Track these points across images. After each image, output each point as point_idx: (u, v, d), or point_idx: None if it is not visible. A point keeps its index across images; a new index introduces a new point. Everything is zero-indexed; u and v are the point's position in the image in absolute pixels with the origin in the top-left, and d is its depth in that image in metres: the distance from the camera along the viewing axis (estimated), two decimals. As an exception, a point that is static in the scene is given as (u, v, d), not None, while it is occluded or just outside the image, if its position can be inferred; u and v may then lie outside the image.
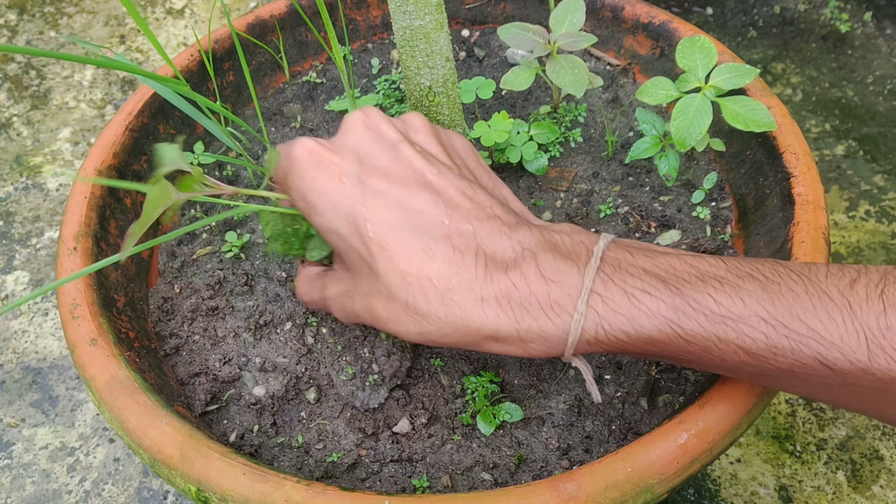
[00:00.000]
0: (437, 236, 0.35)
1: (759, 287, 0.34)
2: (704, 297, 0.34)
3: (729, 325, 0.33)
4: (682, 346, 0.34)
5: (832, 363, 0.32)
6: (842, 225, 0.77)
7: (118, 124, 0.53)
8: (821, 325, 0.32)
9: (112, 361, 0.41)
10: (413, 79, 0.43)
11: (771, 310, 0.33)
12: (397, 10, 0.40)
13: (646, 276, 0.35)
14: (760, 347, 0.33)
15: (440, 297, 0.35)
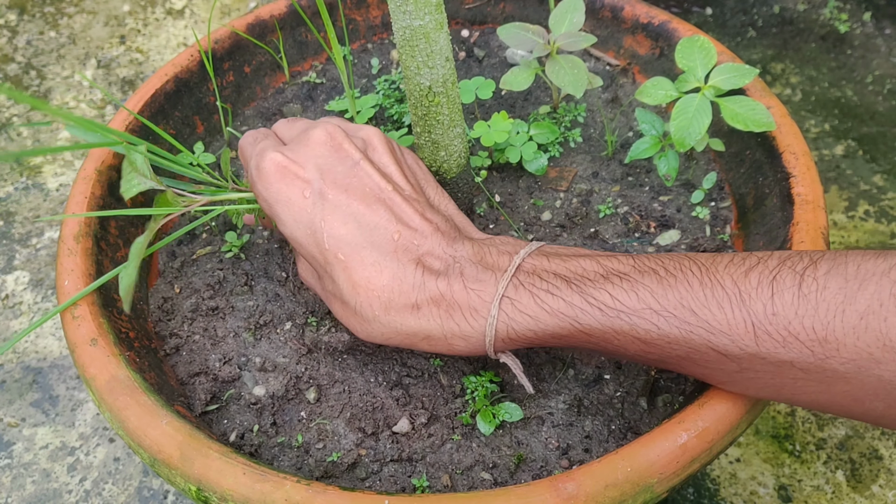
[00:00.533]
0: (386, 251, 0.40)
1: (655, 281, 0.36)
2: (601, 294, 0.37)
3: (622, 318, 0.36)
4: (584, 338, 0.38)
5: (723, 350, 0.35)
6: (841, 225, 0.77)
7: (118, 124, 0.53)
8: (710, 314, 0.35)
9: (112, 361, 0.41)
10: (413, 79, 0.43)
11: (663, 302, 0.36)
12: (397, 10, 0.40)
13: (553, 278, 0.38)
14: (654, 337, 0.36)
15: (384, 307, 0.39)
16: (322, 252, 0.40)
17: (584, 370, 0.46)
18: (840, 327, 0.32)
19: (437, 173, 0.48)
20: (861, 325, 0.32)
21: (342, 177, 0.41)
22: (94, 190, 0.49)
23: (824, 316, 0.33)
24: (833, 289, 0.33)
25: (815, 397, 0.35)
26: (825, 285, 0.33)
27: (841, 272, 0.33)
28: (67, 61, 0.99)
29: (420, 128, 0.46)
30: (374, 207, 0.40)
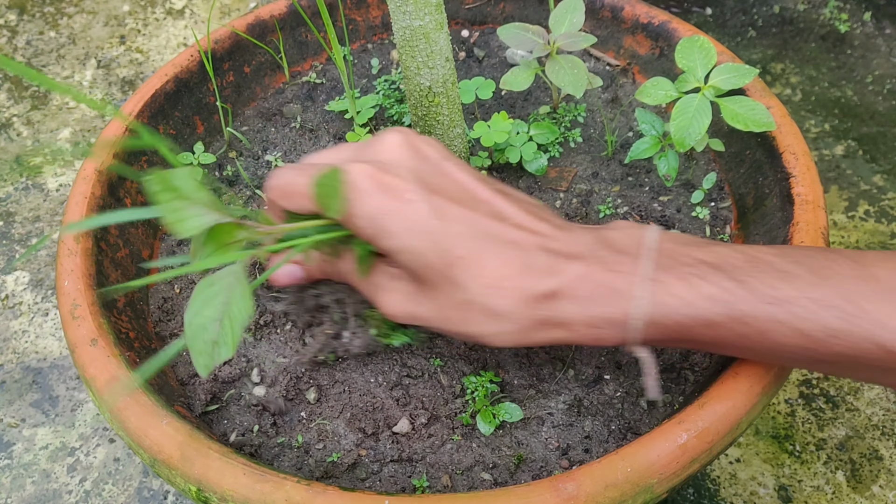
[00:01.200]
0: (508, 243, 0.37)
1: (807, 270, 0.35)
2: (755, 281, 0.35)
3: (782, 305, 0.34)
4: (739, 329, 0.35)
5: (887, 344, 0.33)
6: (841, 225, 0.77)
7: (118, 124, 0.53)
8: (871, 305, 0.33)
9: (112, 362, 0.41)
10: (413, 79, 0.43)
11: (822, 292, 0.34)
12: (397, 11, 0.41)
13: (699, 263, 0.36)
14: (815, 328, 0.34)
15: (519, 297, 0.37)
16: (442, 255, 0.37)
17: (584, 370, 0.46)
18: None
19: (437, 173, 0.48)
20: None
21: (432, 178, 0.39)
22: (95, 190, 0.49)
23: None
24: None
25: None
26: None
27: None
28: (67, 61, 0.99)
29: (420, 128, 0.46)
30: (477, 206, 0.38)
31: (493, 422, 0.44)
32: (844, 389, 0.65)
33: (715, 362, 0.45)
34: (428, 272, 0.38)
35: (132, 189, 0.53)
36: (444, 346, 0.48)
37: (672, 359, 0.46)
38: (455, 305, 0.38)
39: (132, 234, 0.52)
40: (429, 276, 0.38)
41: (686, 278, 0.36)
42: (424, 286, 0.39)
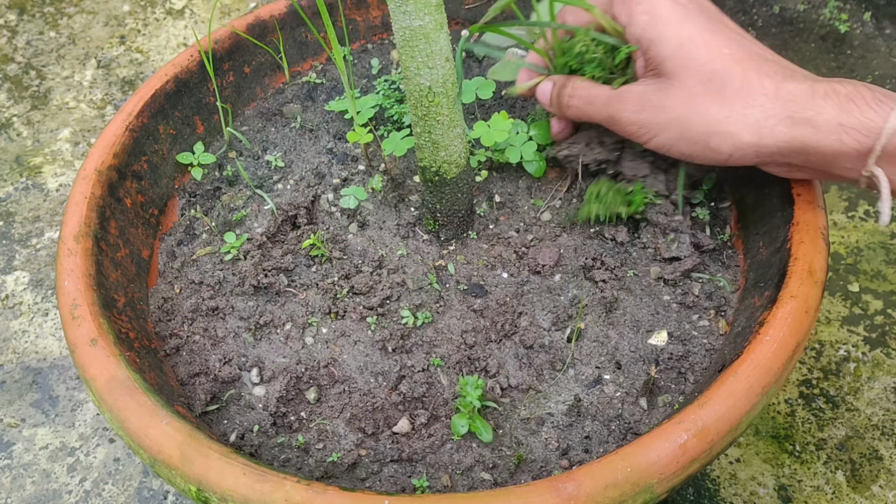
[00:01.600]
0: (772, 59, 0.44)
1: None
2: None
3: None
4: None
5: None
6: (841, 225, 0.77)
7: (118, 124, 0.53)
8: None
9: (112, 361, 0.41)
10: (413, 79, 0.43)
11: None
12: (397, 11, 0.40)
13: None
14: None
15: (775, 89, 0.42)
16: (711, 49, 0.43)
17: (584, 370, 0.46)
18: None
19: (437, 173, 0.48)
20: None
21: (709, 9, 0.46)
22: (95, 190, 0.49)
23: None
24: None
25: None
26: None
27: None
28: (67, 61, 0.99)
29: (420, 128, 0.46)
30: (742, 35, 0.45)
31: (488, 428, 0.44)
32: (844, 390, 0.65)
33: (715, 362, 0.45)
34: (691, 63, 0.44)
35: (132, 189, 0.53)
36: (444, 345, 0.48)
37: (673, 359, 0.46)
38: (709, 90, 0.43)
39: (132, 234, 0.52)
40: (690, 68, 0.44)
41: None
42: (676, 79, 0.45)
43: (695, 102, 0.44)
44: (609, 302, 0.48)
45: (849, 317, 0.70)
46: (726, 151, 0.44)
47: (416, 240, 0.53)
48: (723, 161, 0.45)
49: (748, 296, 0.47)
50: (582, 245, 0.52)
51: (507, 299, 0.49)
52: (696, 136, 0.44)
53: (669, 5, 0.45)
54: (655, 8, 0.45)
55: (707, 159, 0.45)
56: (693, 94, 0.44)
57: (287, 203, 0.54)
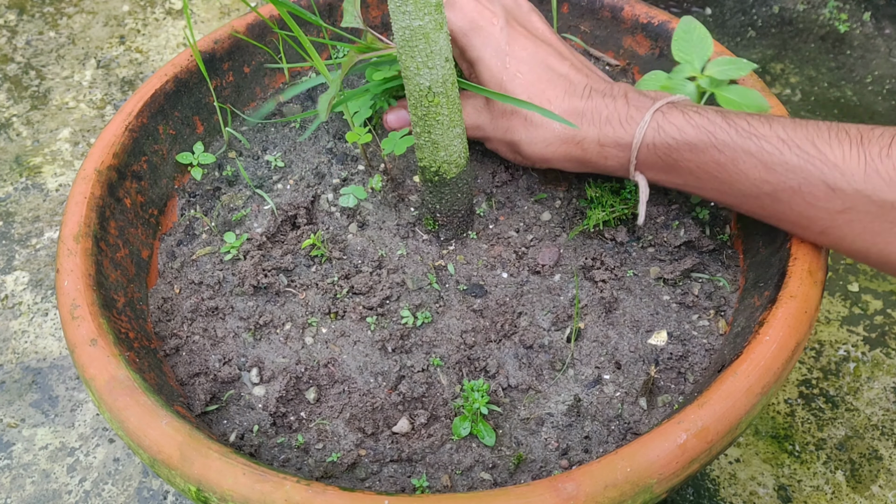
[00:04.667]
0: (559, 74, 0.49)
1: (790, 122, 0.42)
2: (740, 120, 0.43)
3: (753, 140, 0.42)
4: (716, 156, 0.43)
5: (833, 184, 0.39)
6: (841, 225, 0.77)
7: (118, 124, 0.53)
8: (829, 149, 0.40)
9: (112, 362, 0.41)
10: (412, 79, 0.43)
11: (791, 134, 0.41)
12: (397, 11, 0.40)
13: (702, 108, 0.45)
14: (776, 161, 0.41)
15: (554, 111, 0.47)
16: (504, 71, 0.49)
17: (584, 370, 0.46)
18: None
19: (437, 173, 0.48)
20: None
21: (521, 18, 0.52)
22: (94, 190, 0.49)
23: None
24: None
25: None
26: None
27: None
28: (67, 61, 0.99)
29: (420, 128, 0.46)
30: (546, 44, 0.51)
31: (490, 431, 0.44)
32: (844, 390, 0.65)
33: (714, 362, 0.45)
34: (493, 84, 0.50)
35: (131, 189, 0.53)
36: (444, 345, 0.48)
37: (672, 359, 0.46)
38: (506, 114, 0.50)
39: (132, 234, 0.52)
40: (492, 86, 0.50)
41: (685, 112, 0.45)
42: (488, 102, 0.51)
43: (496, 126, 0.51)
44: (609, 302, 0.48)
45: (848, 317, 0.70)
46: (529, 163, 0.52)
47: (416, 240, 0.53)
48: (532, 166, 0.53)
49: (748, 296, 0.47)
50: (582, 245, 0.52)
51: (507, 299, 0.49)
52: (504, 152, 0.53)
53: (476, 11, 0.50)
54: (467, 14, 0.50)
55: (523, 164, 0.53)
56: (494, 117, 0.51)
57: (287, 203, 0.54)
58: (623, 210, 0.51)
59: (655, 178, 0.47)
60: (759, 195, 0.43)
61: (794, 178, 0.41)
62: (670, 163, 0.45)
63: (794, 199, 0.41)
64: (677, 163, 0.45)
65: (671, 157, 0.45)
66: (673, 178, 0.47)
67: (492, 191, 0.56)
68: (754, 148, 0.42)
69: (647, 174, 0.47)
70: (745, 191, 0.43)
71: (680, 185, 0.47)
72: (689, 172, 0.45)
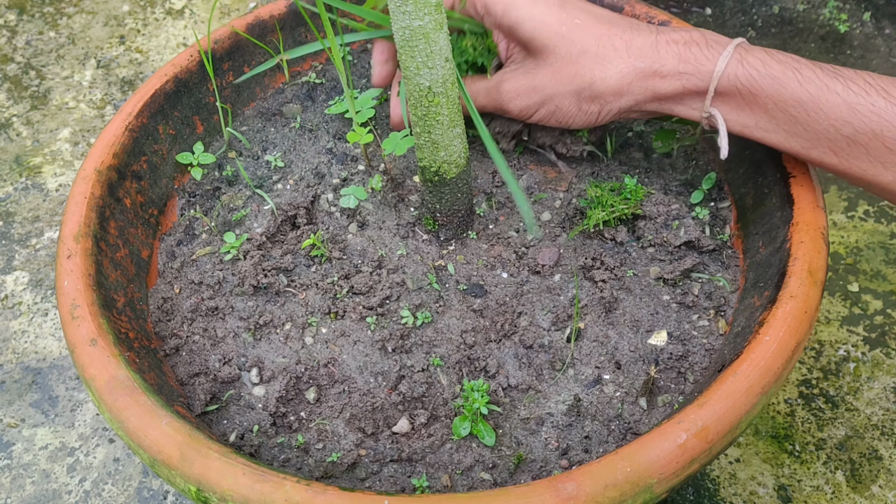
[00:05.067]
0: (616, 17, 0.50)
1: (874, 74, 0.43)
2: (824, 64, 0.43)
3: (840, 80, 0.42)
4: (797, 92, 0.43)
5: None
6: (840, 225, 0.77)
7: (118, 124, 0.53)
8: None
9: (112, 362, 0.41)
10: (412, 79, 0.43)
11: (877, 79, 0.42)
12: (397, 11, 0.40)
13: (777, 52, 0.45)
14: (861, 102, 0.41)
15: (626, 45, 0.48)
16: (561, 20, 0.49)
17: (583, 370, 0.46)
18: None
19: (437, 173, 0.48)
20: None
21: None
22: (94, 190, 0.49)
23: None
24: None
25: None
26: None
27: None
28: (67, 61, 0.99)
29: (420, 128, 0.46)
30: (598, 7, 0.51)
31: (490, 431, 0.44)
32: (844, 390, 0.65)
33: (714, 362, 0.45)
34: (549, 37, 0.49)
35: (131, 189, 0.53)
36: (444, 345, 0.48)
37: (672, 359, 0.46)
38: (571, 60, 0.49)
39: (132, 234, 0.52)
40: (548, 42, 0.49)
41: (766, 51, 0.45)
42: (546, 56, 0.50)
43: (560, 77, 0.49)
44: (609, 302, 0.48)
45: (848, 317, 0.70)
46: (595, 112, 0.50)
47: (416, 240, 0.53)
48: (595, 121, 0.51)
49: (748, 296, 0.47)
50: (581, 245, 0.52)
51: (507, 299, 0.49)
52: (567, 106, 0.50)
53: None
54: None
55: (582, 123, 0.51)
56: (557, 69, 0.49)
57: (287, 203, 0.54)
58: (623, 210, 0.51)
59: (727, 116, 0.46)
60: (837, 138, 0.42)
61: (878, 120, 0.40)
62: (749, 97, 0.45)
63: (872, 142, 0.41)
64: (756, 98, 0.44)
65: (751, 90, 0.44)
66: (745, 116, 0.46)
67: (492, 191, 0.56)
68: (840, 87, 0.42)
69: (721, 110, 0.46)
70: (821, 132, 0.43)
71: (750, 126, 0.46)
72: (764, 111, 0.45)
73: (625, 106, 0.49)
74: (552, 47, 0.49)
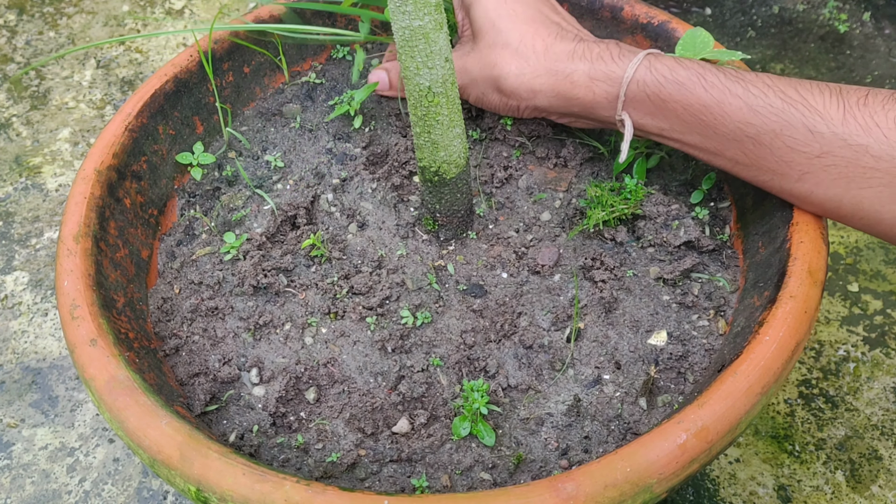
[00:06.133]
0: (552, 20, 0.52)
1: (774, 75, 0.44)
2: (728, 68, 0.46)
3: (740, 83, 0.44)
4: (702, 96, 0.45)
5: (813, 126, 0.41)
6: (840, 225, 0.77)
7: (118, 125, 0.53)
8: (811, 95, 0.42)
9: (112, 362, 0.41)
10: (412, 79, 0.43)
11: (776, 81, 0.43)
12: (396, 11, 0.40)
13: (686, 60, 0.47)
14: (761, 104, 0.43)
15: (545, 47, 0.50)
16: (498, 7, 0.51)
17: (583, 370, 0.46)
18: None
19: (437, 173, 0.48)
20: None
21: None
22: (94, 190, 0.49)
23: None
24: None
25: (878, 193, 0.41)
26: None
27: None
28: (67, 61, 0.99)
29: (420, 128, 0.46)
30: (544, 4, 0.53)
31: (490, 432, 0.44)
32: (844, 390, 0.65)
33: (714, 362, 0.45)
34: (485, 22, 0.52)
35: (131, 189, 0.53)
36: (443, 345, 0.48)
37: (672, 359, 0.46)
38: (493, 47, 0.51)
39: (131, 234, 0.52)
40: (484, 26, 0.52)
41: (675, 59, 0.47)
42: (477, 39, 0.53)
43: (483, 64, 0.52)
44: (608, 302, 0.48)
45: (848, 317, 0.70)
46: (514, 106, 0.52)
47: (416, 240, 0.53)
48: (517, 113, 0.53)
49: (747, 296, 0.47)
50: (581, 245, 0.52)
51: (507, 299, 0.49)
52: (490, 94, 0.53)
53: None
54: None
55: (507, 113, 0.54)
56: (483, 55, 0.52)
57: (286, 203, 0.54)
58: (623, 210, 0.51)
59: (641, 120, 0.48)
60: (742, 138, 0.44)
61: (777, 120, 0.42)
62: (658, 104, 0.46)
63: (775, 142, 0.43)
64: (665, 103, 0.46)
65: (660, 96, 0.46)
66: (658, 120, 0.48)
67: (492, 191, 0.56)
68: (741, 90, 0.43)
69: (633, 115, 0.48)
70: (728, 134, 0.44)
71: (665, 129, 0.48)
72: (675, 116, 0.46)
73: (541, 105, 0.51)
74: (483, 33, 0.52)
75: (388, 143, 0.59)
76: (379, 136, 0.60)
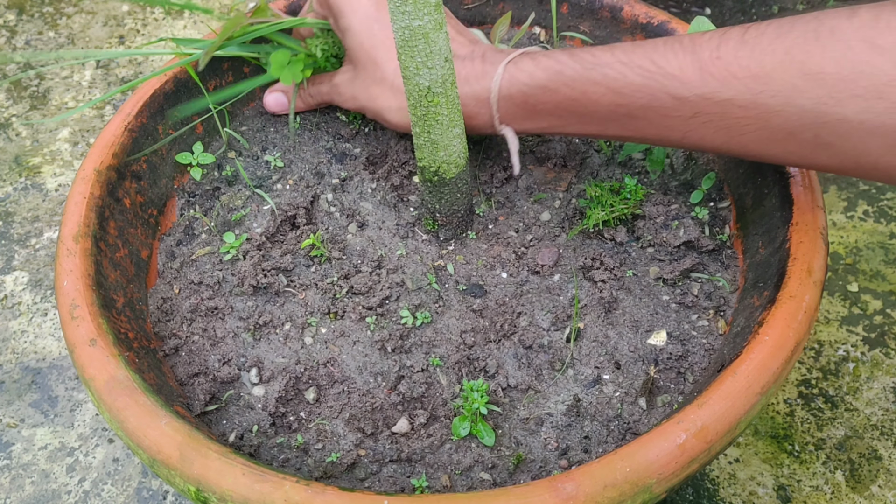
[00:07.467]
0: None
1: (629, 45, 0.44)
2: (585, 54, 0.45)
3: (597, 70, 0.44)
4: (567, 93, 0.45)
5: (675, 93, 0.41)
6: (840, 225, 0.77)
7: (117, 125, 0.53)
8: (666, 62, 0.41)
9: (111, 362, 0.41)
10: (412, 79, 0.43)
11: (631, 56, 0.43)
12: (396, 11, 0.40)
13: (551, 52, 0.47)
14: (622, 85, 0.43)
15: None
16: (372, 39, 0.50)
17: (583, 370, 0.46)
18: (769, 62, 0.38)
19: (437, 173, 0.48)
20: (787, 59, 0.37)
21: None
22: (94, 190, 0.49)
23: (759, 55, 0.38)
24: (769, 34, 0.38)
25: (758, 136, 0.40)
26: (764, 31, 0.39)
27: (779, 21, 0.39)
28: (66, 61, 0.99)
29: (419, 128, 0.46)
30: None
31: (490, 432, 0.44)
32: (843, 390, 0.65)
33: (714, 362, 0.45)
34: (361, 53, 0.51)
35: (131, 189, 0.53)
36: (443, 345, 0.48)
37: (672, 359, 0.46)
38: (374, 82, 0.51)
39: (131, 234, 0.52)
40: (361, 57, 0.52)
41: (534, 58, 0.46)
42: (358, 69, 0.52)
43: (367, 95, 0.52)
44: (608, 302, 0.48)
45: (848, 317, 0.70)
46: (398, 129, 0.53)
47: (416, 240, 0.53)
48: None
49: (747, 296, 0.47)
50: (581, 245, 0.52)
51: (507, 299, 0.49)
52: (379, 117, 0.53)
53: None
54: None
55: (404, 130, 0.53)
56: (365, 86, 0.52)
57: (286, 203, 0.54)
58: (623, 210, 0.51)
59: (522, 127, 0.49)
60: (618, 118, 0.44)
61: (642, 96, 0.42)
62: (529, 109, 0.47)
63: (647, 114, 0.43)
64: (535, 108, 0.46)
65: (528, 103, 0.46)
66: (538, 123, 0.48)
67: (492, 191, 0.56)
68: (599, 77, 0.43)
69: (514, 125, 0.49)
70: (604, 117, 0.45)
71: (546, 128, 0.48)
72: (549, 114, 0.47)
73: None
74: (361, 65, 0.52)
75: (387, 142, 0.59)
76: (378, 135, 0.60)
